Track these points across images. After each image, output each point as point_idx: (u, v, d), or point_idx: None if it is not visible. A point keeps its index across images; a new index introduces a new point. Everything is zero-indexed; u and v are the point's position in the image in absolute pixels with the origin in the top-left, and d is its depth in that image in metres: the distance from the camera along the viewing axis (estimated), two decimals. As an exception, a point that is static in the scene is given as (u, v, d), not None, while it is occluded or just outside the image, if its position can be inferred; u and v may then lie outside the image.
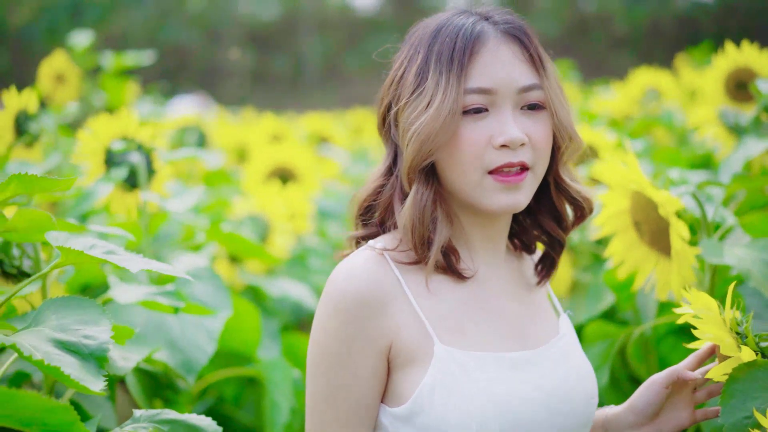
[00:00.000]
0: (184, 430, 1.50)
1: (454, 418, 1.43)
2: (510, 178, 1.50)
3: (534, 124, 1.52)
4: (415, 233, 1.50)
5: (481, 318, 1.54)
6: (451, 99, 1.48)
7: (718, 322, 1.45)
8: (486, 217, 1.58)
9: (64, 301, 1.39)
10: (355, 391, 1.48)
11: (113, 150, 2.24)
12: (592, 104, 4.05)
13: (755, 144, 2.33)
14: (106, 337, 1.30)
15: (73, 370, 1.22)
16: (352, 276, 1.49)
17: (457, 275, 1.55)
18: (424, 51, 1.53)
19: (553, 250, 1.69)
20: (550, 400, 1.50)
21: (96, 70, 4.55)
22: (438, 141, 1.49)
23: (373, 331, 1.48)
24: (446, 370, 1.45)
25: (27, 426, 1.15)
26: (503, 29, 1.54)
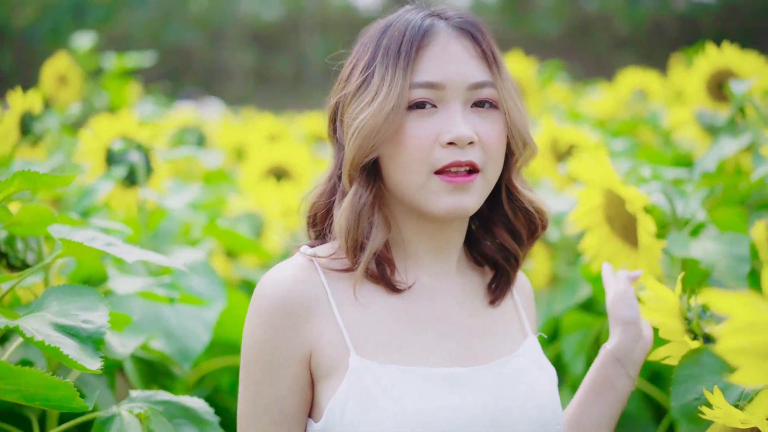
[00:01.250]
0: (178, 410, 1.60)
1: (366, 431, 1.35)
2: (457, 179, 1.40)
3: (485, 122, 1.43)
4: (349, 237, 1.42)
5: (415, 331, 1.44)
6: (396, 93, 1.39)
7: (665, 309, 1.54)
8: (433, 225, 1.47)
9: (64, 289, 1.49)
10: (278, 399, 1.41)
11: (113, 149, 2.35)
12: (582, 105, 4.14)
13: (729, 143, 2.42)
14: (104, 322, 1.41)
15: (71, 351, 1.33)
16: (277, 283, 1.42)
17: (389, 287, 1.45)
18: (373, 46, 1.46)
19: (509, 265, 1.57)
20: (482, 422, 1.38)
21: (98, 71, 4.63)
22: (381, 137, 1.40)
23: (295, 339, 1.40)
24: (360, 384, 1.36)
25: (31, 401, 1.25)
26: (455, 24, 1.46)
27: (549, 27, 18.66)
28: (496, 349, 1.49)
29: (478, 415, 1.37)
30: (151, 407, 1.56)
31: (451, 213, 1.41)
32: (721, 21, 16.96)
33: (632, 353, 1.59)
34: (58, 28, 16.48)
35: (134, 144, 2.38)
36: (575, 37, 18.38)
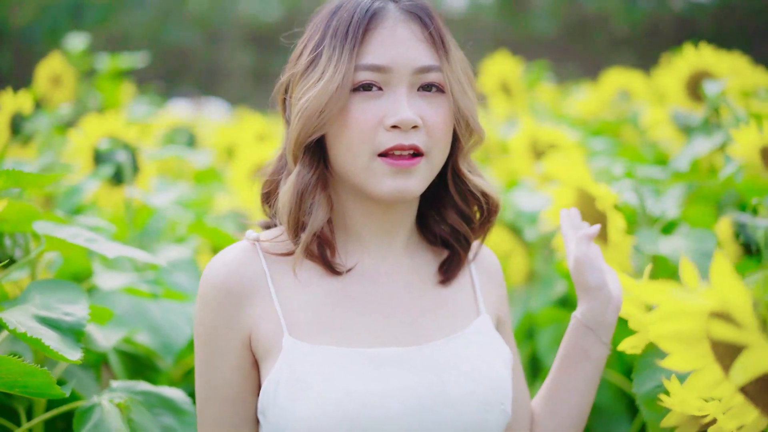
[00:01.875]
0: (157, 400, 1.66)
1: (293, 413, 1.35)
2: (401, 162, 1.39)
3: (430, 107, 1.42)
4: (291, 216, 1.43)
5: (352, 313, 1.44)
6: (341, 74, 1.39)
7: (632, 301, 1.59)
8: (379, 207, 1.47)
9: (48, 283, 1.55)
10: (224, 379, 1.43)
11: (100, 149, 2.41)
12: (568, 105, 4.19)
13: (703, 143, 2.48)
14: (84, 314, 1.47)
15: (52, 342, 1.39)
16: (219, 267, 1.44)
17: (329, 268, 1.46)
18: (323, 27, 1.45)
19: (460, 246, 1.57)
20: (417, 402, 1.38)
21: (92, 72, 4.67)
22: (325, 117, 1.40)
23: (234, 322, 1.43)
24: (292, 365, 1.37)
25: (11, 388, 1.31)
26: (404, 7, 1.45)
27: (546, 27, 18.69)
28: (441, 329, 1.48)
29: (413, 394, 1.37)
30: (131, 397, 1.62)
31: (393, 196, 1.40)
32: (719, 21, 17.00)
33: (604, 318, 1.54)
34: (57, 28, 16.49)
35: (121, 144, 2.44)
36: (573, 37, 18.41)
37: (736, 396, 0.96)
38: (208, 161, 3.87)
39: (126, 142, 2.45)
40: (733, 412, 0.99)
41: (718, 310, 0.88)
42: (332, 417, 1.33)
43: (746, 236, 1.91)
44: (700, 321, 0.89)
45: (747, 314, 0.85)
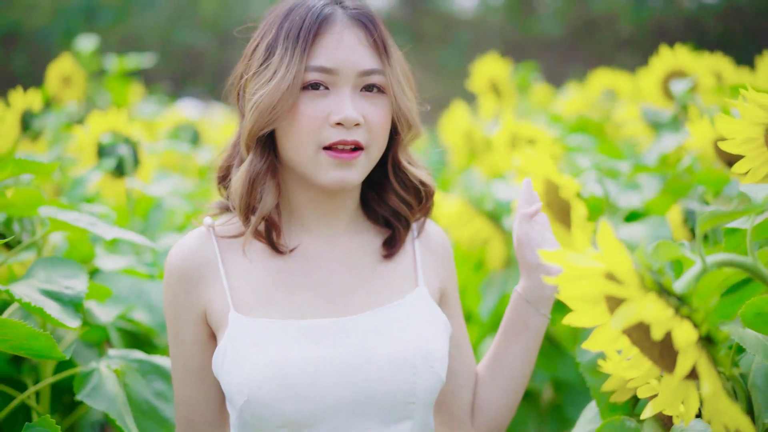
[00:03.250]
0: (150, 367, 1.83)
1: (235, 380, 1.49)
2: (343, 155, 1.53)
3: (371, 106, 1.56)
4: (242, 201, 1.56)
5: (292, 289, 1.58)
6: (293, 73, 1.51)
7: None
8: (322, 194, 1.61)
9: (51, 261, 1.72)
10: (186, 352, 1.60)
11: (103, 143, 2.58)
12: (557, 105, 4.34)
13: (670, 138, 2.63)
14: (83, 288, 1.63)
15: (54, 311, 1.55)
16: (176, 253, 1.60)
17: (274, 248, 1.60)
18: (276, 27, 1.57)
19: (401, 225, 1.70)
20: (348, 366, 1.52)
21: (101, 72, 4.84)
22: (276, 112, 1.52)
23: (191, 300, 1.58)
24: (236, 336, 1.52)
25: (17, 350, 1.47)
26: (351, 14, 1.58)
27: (553, 28, 18.76)
28: (375, 301, 1.61)
29: (342, 360, 1.51)
30: (126, 364, 1.79)
31: (335, 185, 1.54)
32: (725, 22, 17.05)
33: (542, 293, 1.65)
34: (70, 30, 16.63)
35: (123, 138, 2.61)
36: (579, 38, 18.48)
37: (632, 348, 1.12)
38: (211, 157, 4.04)
39: (127, 137, 2.62)
40: (631, 362, 1.15)
41: (607, 271, 1.04)
42: (266, 382, 1.47)
43: (693, 222, 2.06)
44: (596, 282, 1.05)
45: (628, 273, 1.01)
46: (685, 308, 1.00)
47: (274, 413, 1.48)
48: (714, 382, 0.98)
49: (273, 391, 1.48)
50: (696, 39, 9.74)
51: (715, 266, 1.08)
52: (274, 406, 1.48)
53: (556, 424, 2.67)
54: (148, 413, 1.76)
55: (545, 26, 18.96)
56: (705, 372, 0.98)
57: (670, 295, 1.01)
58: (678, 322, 0.98)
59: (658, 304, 0.98)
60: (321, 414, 1.50)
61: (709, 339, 1.01)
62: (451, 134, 3.94)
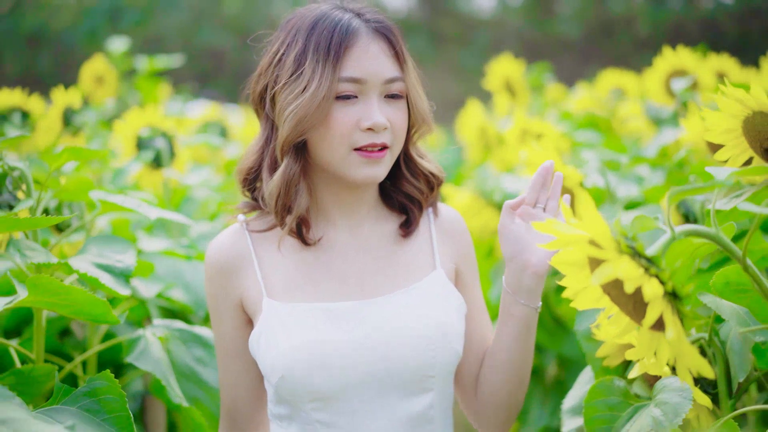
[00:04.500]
0: (190, 336, 2.03)
1: (269, 360, 1.66)
2: (373, 155, 1.67)
3: (395, 111, 1.70)
4: (279, 200, 1.70)
5: (319, 276, 1.74)
6: (326, 85, 1.64)
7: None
8: (346, 189, 1.76)
9: (102, 239, 1.91)
10: (226, 336, 1.78)
11: (142, 136, 2.79)
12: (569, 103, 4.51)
13: (670, 133, 2.80)
14: (132, 261, 1.83)
15: (107, 281, 1.75)
16: (214, 247, 1.78)
17: (303, 241, 1.75)
18: (303, 40, 1.69)
19: (416, 208, 1.83)
20: (368, 343, 1.66)
21: (131, 72, 5.04)
22: (312, 121, 1.65)
23: (228, 290, 1.75)
24: (269, 320, 1.68)
25: (78, 315, 1.66)
26: (374, 27, 1.70)
27: (571, 29, 18.88)
28: (396, 284, 1.75)
29: (361, 339, 1.66)
30: (170, 332, 2.00)
31: (366, 181, 1.70)
32: (742, 23, 17.11)
33: (520, 283, 1.70)
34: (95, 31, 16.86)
35: (159, 132, 2.82)
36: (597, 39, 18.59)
37: (612, 306, 1.31)
38: (238, 152, 4.25)
39: (164, 131, 2.83)
40: (613, 320, 1.34)
41: (590, 238, 1.22)
42: (297, 361, 1.63)
43: (686, 208, 2.23)
44: (581, 247, 1.23)
45: (607, 239, 1.19)
46: (654, 268, 1.18)
47: (305, 388, 1.64)
48: (677, 329, 1.16)
49: (304, 369, 1.64)
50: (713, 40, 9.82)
51: (682, 235, 1.26)
52: (306, 382, 1.63)
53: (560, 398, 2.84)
54: (189, 376, 1.96)
55: (564, 27, 19.09)
56: (669, 320, 1.16)
57: (641, 257, 1.19)
58: (647, 279, 1.16)
59: (631, 264, 1.16)
60: (348, 388, 1.65)
61: (674, 294, 1.20)
62: (467, 131, 4.12)
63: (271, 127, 1.75)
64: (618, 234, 1.21)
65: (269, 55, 1.75)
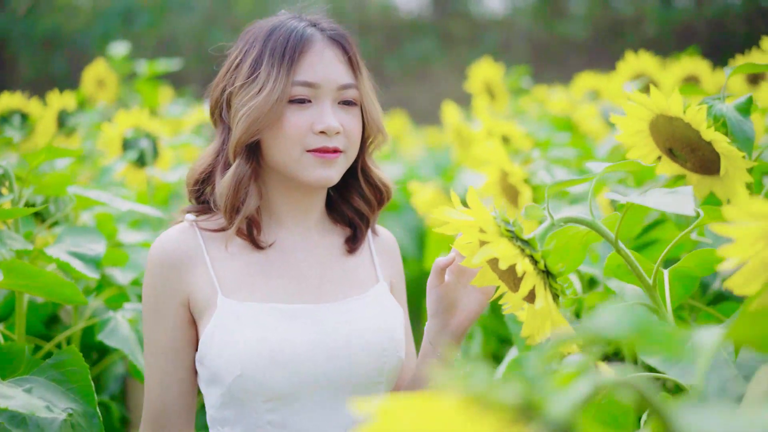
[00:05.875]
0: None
1: (226, 357, 1.64)
2: (327, 155, 1.69)
3: (348, 117, 1.73)
4: (228, 201, 1.70)
5: (273, 277, 1.74)
6: (281, 88, 1.66)
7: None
8: (299, 193, 1.77)
9: (77, 230, 2.12)
10: (166, 335, 1.71)
11: (127, 137, 3.00)
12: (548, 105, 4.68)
13: (621, 133, 2.97)
14: (102, 250, 2.03)
15: (78, 266, 1.95)
16: (161, 243, 1.73)
17: (254, 244, 1.75)
18: (260, 45, 1.72)
19: (363, 223, 1.88)
20: (327, 346, 1.68)
21: (132, 76, 5.24)
22: (265, 122, 1.67)
23: (174, 286, 1.70)
24: (224, 318, 1.66)
25: (50, 295, 1.86)
26: (329, 34, 1.74)
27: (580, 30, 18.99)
28: (345, 292, 1.79)
29: (320, 341, 1.68)
30: (137, 314, 2.19)
31: (319, 182, 1.71)
32: (749, 23, 17.17)
33: (439, 338, 1.71)
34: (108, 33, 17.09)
35: (144, 133, 3.02)
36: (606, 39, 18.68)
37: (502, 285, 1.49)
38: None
39: (148, 132, 3.03)
40: (506, 297, 1.52)
41: (477, 224, 1.41)
42: (256, 358, 1.63)
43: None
44: (471, 232, 1.42)
45: (490, 225, 1.38)
46: (528, 249, 1.37)
47: (262, 387, 1.64)
48: (546, 301, 1.35)
49: (262, 366, 1.63)
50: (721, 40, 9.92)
51: (561, 222, 1.45)
52: (263, 380, 1.63)
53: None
54: (155, 354, 2.15)
55: (572, 28, 19.21)
56: (540, 294, 1.35)
57: (519, 240, 1.38)
58: (521, 258, 1.35)
59: (508, 245, 1.35)
60: (304, 388, 1.66)
61: (547, 272, 1.38)
62: (447, 132, 4.31)
63: (227, 131, 1.77)
64: (501, 220, 1.40)
65: (227, 63, 1.79)
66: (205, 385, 1.72)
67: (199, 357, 1.70)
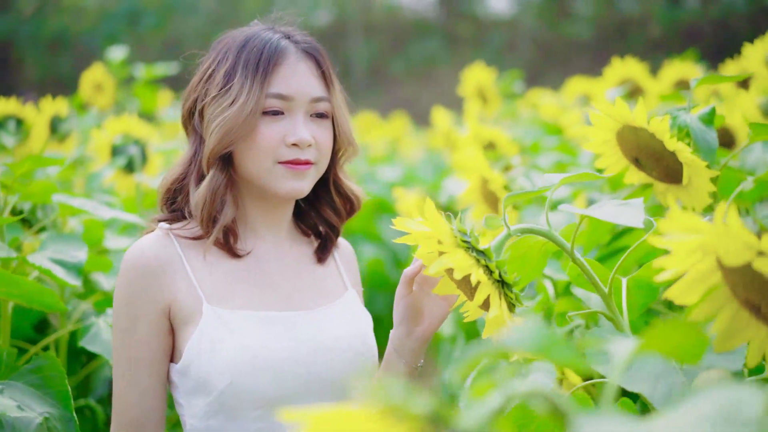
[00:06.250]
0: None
1: (215, 365, 1.63)
2: (298, 167, 1.70)
3: (320, 130, 1.74)
4: (204, 211, 1.70)
5: (251, 285, 1.74)
6: (254, 100, 1.67)
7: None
8: (271, 203, 1.78)
9: (60, 237, 2.15)
10: (143, 344, 1.67)
11: (116, 144, 3.05)
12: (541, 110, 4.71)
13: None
14: (84, 257, 2.07)
15: (59, 273, 1.99)
16: (138, 250, 1.70)
17: (232, 253, 1.75)
18: (233, 57, 1.72)
19: (332, 233, 1.90)
20: (310, 354, 1.70)
21: (131, 80, 5.29)
22: (238, 134, 1.68)
23: (154, 295, 1.67)
24: (211, 325, 1.65)
25: (29, 302, 1.90)
26: (302, 47, 1.75)
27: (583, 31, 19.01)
28: (320, 299, 1.81)
29: (304, 349, 1.70)
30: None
31: (290, 194, 1.73)
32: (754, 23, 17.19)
33: (404, 345, 1.74)
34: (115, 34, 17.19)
35: (132, 140, 3.07)
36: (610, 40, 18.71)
37: (461, 294, 1.53)
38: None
39: (137, 139, 3.08)
40: (466, 305, 1.56)
41: (436, 235, 1.45)
42: (247, 365, 1.63)
43: (594, 209, 2.45)
44: (430, 243, 1.46)
45: (447, 236, 1.42)
46: (483, 259, 1.41)
47: (253, 394, 1.64)
48: (499, 308, 1.39)
49: (254, 373, 1.63)
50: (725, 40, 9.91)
51: (518, 232, 1.49)
52: (255, 388, 1.63)
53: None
54: (137, 358, 2.20)
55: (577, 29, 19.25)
56: (494, 302, 1.39)
57: (474, 251, 1.42)
58: (476, 268, 1.39)
59: (464, 255, 1.39)
60: (292, 395, 1.67)
61: (502, 282, 1.42)
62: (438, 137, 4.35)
63: (200, 141, 1.77)
64: (458, 231, 1.44)
65: (200, 73, 1.79)
66: (187, 396, 1.69)
67: (182, 367, 1.68)
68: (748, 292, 1.13)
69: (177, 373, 1.69)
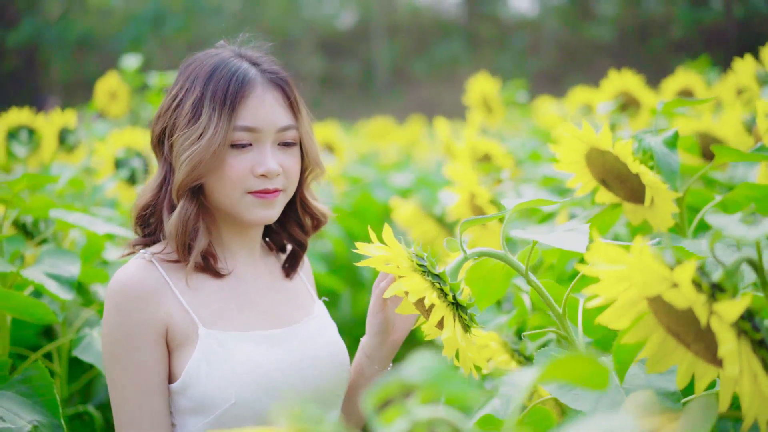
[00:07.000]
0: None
1: (217, 386, 1.65)
2: (267, 196, 1.74)
3: (288, 157, 1.77)
4: (178, 240, 1.72)
5: (238, 305, 1.77)
6: (222, 134, 1.68)
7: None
8: (243, 227, 1.82)
9: (56, 252, 2.24)
10: (146, 370, 1.67)
11: (118, 157, 3.14)
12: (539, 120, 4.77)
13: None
14: (77, 271, 2.15)
15: (52, 287, 2.08)
16: (126, 276, 1.70)
17: (215, 274, 1.77)
18: (200, 87, 1.72)
19: (300, 248, 1.96)
20: (300, 366, 1.75)
21: (143, 87, 5.35)
22: (207, 167, 1.70)
23: (149, 319, 1.67)
24: (209, 348, 1.67)
25: (22, 314, 1.99)
26: (269, 77, 1.76)
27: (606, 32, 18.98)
28: (298, 314, 1.86)
29: (295, 363, 1.75)
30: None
31: (260, 221, 1.78)
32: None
33: (376, 352, 1.83)
34: (140, 36, 17.36)
35: (135, 152, 3.16)
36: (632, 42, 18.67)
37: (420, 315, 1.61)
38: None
39: (139, 151, 3.17)
40: (424, 324, 1.64)
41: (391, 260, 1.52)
42: (249, 385, 1.67)
43: (575, 224, 2.51)
44: (392, 267, 1.53)
45: (403, 260, 1.49)
46: (438, 283, 1.48)
47: (255, 413, 1.67)
48: (452, 329, 1.46)
49: (254, 392, 1.67)
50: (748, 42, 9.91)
51: (474, 255, 1.56)
52: (256, 406, 1.67)
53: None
54: (128, 368, 2.28)
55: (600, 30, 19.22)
56: (448, 324, 1.46)
57: (430, 274, 1.49)
58: (430, 292, 1.46)
59: (419, 279, 1.46)
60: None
61: (457, 304, 1.49)
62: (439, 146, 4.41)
63: (169, 167, 1.79)
64: (415, 255, 1.51)
65: (168, 98, 1.79)
66: (184, 416, 1.70)
67: (180, 388, 1.69)
68: (669, 320, 1.20)
69: (174, 393, 1.71)
